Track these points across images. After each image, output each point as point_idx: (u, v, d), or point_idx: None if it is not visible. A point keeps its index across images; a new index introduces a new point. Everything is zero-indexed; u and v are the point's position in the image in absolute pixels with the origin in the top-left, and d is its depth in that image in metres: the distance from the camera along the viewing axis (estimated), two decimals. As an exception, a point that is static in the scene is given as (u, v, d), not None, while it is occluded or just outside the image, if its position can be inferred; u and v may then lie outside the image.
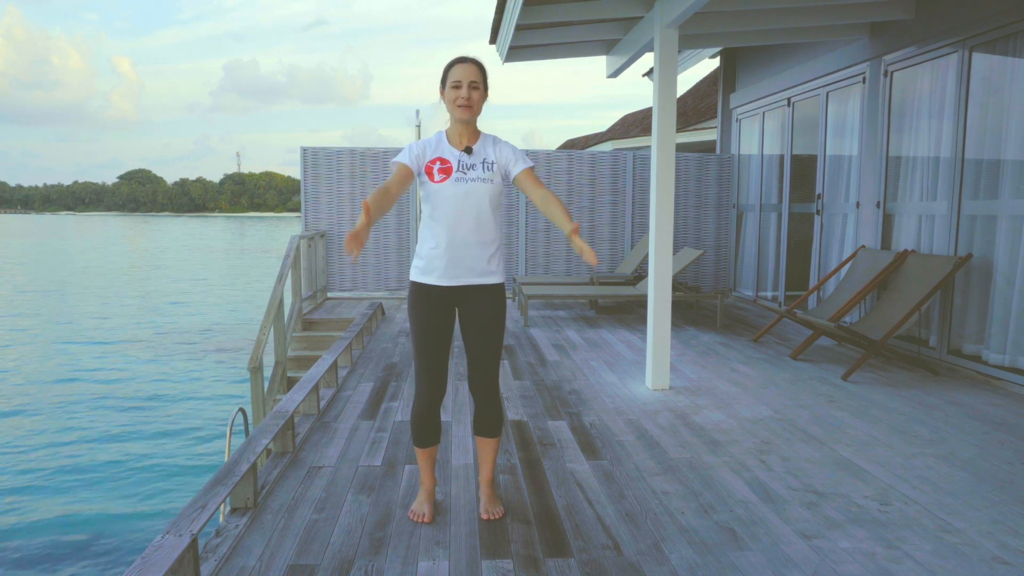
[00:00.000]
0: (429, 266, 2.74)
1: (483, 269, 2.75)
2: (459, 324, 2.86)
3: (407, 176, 2.70)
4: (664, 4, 4.71)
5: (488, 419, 2.85)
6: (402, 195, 2.82)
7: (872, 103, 6.63)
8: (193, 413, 10.20)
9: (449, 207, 2.68)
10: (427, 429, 2.83)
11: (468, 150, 2.73)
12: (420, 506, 2.85)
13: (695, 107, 14.07)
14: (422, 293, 2.76)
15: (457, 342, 6.42)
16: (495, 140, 2.82)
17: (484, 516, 2.82)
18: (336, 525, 2.75)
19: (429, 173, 2.71)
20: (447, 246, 2.70)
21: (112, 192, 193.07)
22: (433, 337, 2.75)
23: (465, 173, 2.70)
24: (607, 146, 14.62)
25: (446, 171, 2.69)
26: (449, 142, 2.76)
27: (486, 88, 2.72)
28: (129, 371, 12.67)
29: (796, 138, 8.18)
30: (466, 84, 2.65)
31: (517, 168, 2.77)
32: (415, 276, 2.79)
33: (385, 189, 2.60)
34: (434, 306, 2.75)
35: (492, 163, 2.75)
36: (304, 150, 9.24)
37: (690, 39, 6.80)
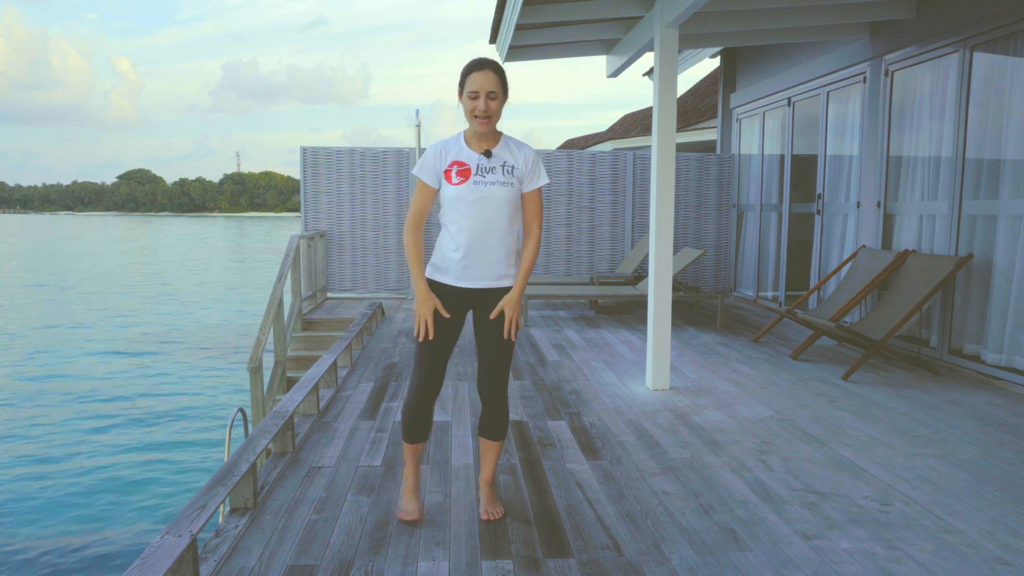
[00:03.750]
0: (445, 267, 2.72)
1: (500, 273, 2.73)
2: (474, 325, 2.83)
3: (431, 195, 2.73)
4: (664, 4, 4.71)
5: (495, 423, 2.83)
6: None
7: (873, 103, 6.63)
8: (192, 413, 10.19)
9: (467, 211, 2.65)
10: (419, 424, 2.79)
11: (487, 153, 2.68)
12: (407, 503, 2.82)
13: (695, 107, 14.07)
14: (435, 290, 2.74)
15: (461, 342, 6.42)
16: (517, 144, 2.77)
17: (484, 516, 2.81)
18: (336, 525, 2.74)
19: (447, 177, 2.68)
20: (465, 251, 2.67)
21: (111, 192, 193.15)
22: (438, 334, 2.72)
23: (484, 176, 2.66)
24: (607, 146, 14.62)
25: (464, 174, 2.65)
26: (468, 145, 2.71)
27: (505, 93, 2.67)
28: (128, 371, 12.67)
29: (796, 138, 8.18)
30: (483, 95, 2.60)
31: (533, 184, 2.74)
32: (430, 274, 2.76)
33: (417, 225, 2.71)
34: (446, 302, 2.73)
35: (512, 167, 2.70)
36: (304, 150, 9.24)
37: (690, 39, 6.79)
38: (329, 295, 9.33)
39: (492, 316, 2.72)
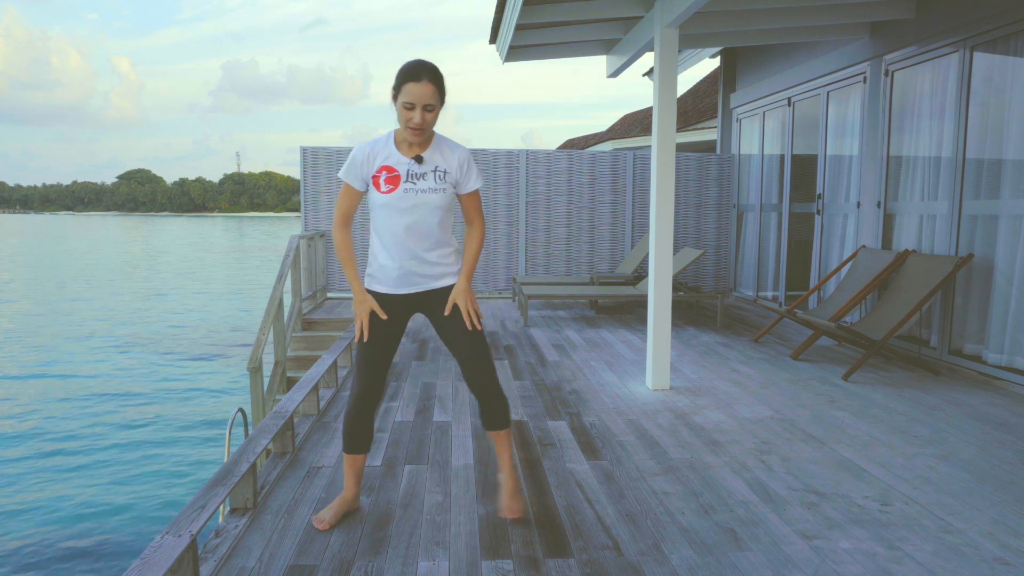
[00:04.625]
0: (381, 276, 2.66)
1: (439, 273, 2.67)
2: (433, 327, 2.78)
3: (358, 197, 2.66)
4: (664, 4, 4.71)
5: (492, 411, 2.75)
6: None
7: (873, 103, 6.63)
8: (192, 413, 10.19)
9: (398, 219, 2.57)
10: (359, 432, 2.74)
11: (419, 159, 2.58)
12: (327, 513, 2.74)
13: (695, 107, 14.07)
14: (374, 297, 2.69)
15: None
16: (449, 145, 2.65)
17: (508, 515, 2.74)
18: (336, 525, 2.74)
19: (376, 183, 2.58)
20: (399, 259, 2.60)
21: (111, 192, 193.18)
22: (375, 341, 2.66)
23: (415, 183, 2.56)
24: (607, 146, 14.62)
25: (393, 180, 2.56)
26: (398, 148, 2.60)
27: (443, 101, 2.54)
28: (128, 371, 12.67)
29: (796, 138, 8.18)
30: (419, 108, 2.47)
31: (468, 187, 2.67)
32: (368, 284, 2.70)
33: (344, 224, 2.66)
34: (386, 310, 2.67)
35: (444, 171, 2.60)
36: (304, 150, 9.24)
37: (690, 39, 6.79)
38: (329, 295, 9.33)
39: (447, 312, 2.67)
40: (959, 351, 5.57)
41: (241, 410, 5.24)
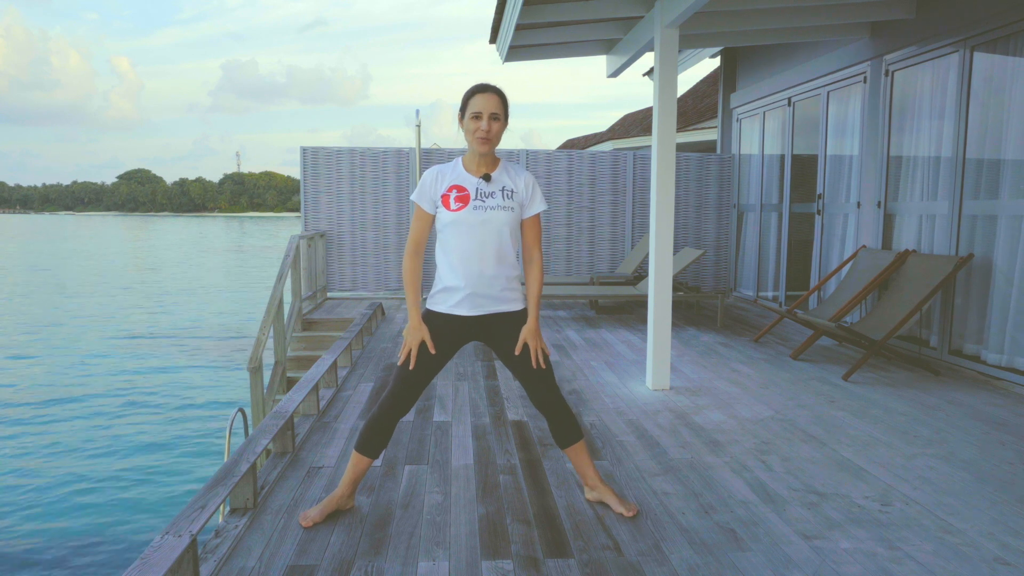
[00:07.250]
0: (446, 296, 2.70)
1: (506, 297, 2.72)
2: (496, 354, 2.81)
3: (429, 221, 2.71)
4: (664, 4, 4.71)
5: (563, 426, 2.82)
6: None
7: (873, 103, 6.63)
8: (192, 413, 10.19)
9: (468, 237, 2.62)
10: (378, 439, 2.76)
11: (487, 177, 2.67)
12: (315, 511, 2.74)
13: (695, 107, 14.07)
14: (438, 319, 2.72)
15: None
16: (515, 168, 2.77)
17: (628, 513, 2.78)
18: (336, 525, 2.74)
19: (445, 202, 2.64)
20: (466, 279, 2.65)
21: (111, 192, 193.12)
22: (422, 364, 2.70)
23: (483, 201, 2.64)
24: (607, 146, 14.62)
25: (463, 199, 2.63)
26: (466, 169, 2.70)
27: (507, 118, 2.67)
28: (128, 371, 12.67)
29: (797, 138, 8.18)
30: (486, 116, 2.60)
31: (532, 209, 2.74)
32: (432, 305, 2.74)
33: (416, 251, 2.70)
34: (443, 331, 2.71)
35: (511, 191, 2.69)
36: (304, 150, 9.24)
37: (690, 39, 6.79)
38: (329, 295, 9.33)
39: (517, 351, 2.71)
40: (959, 351, 5.57)
41: (241, 410, 5.24)
